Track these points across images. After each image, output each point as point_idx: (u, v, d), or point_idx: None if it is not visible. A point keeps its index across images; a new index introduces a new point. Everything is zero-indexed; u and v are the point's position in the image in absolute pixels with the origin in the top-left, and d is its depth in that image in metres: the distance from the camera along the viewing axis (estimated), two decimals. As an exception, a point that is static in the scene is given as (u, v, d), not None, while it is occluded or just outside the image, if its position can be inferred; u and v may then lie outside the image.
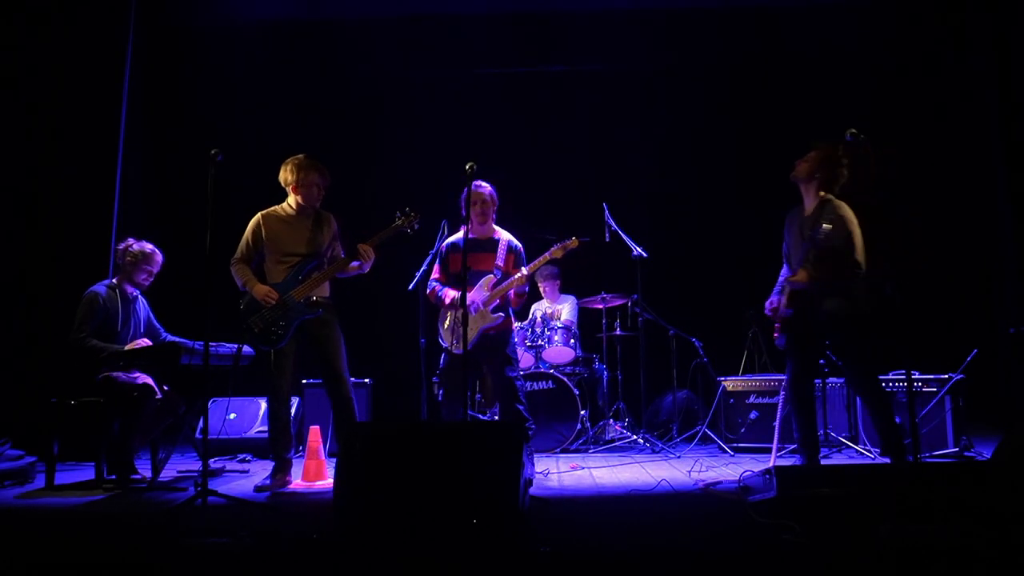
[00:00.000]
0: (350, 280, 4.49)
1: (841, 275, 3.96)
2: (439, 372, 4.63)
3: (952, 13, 6.81)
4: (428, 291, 4.62)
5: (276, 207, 4.42)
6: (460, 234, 4.52)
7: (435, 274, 4.65)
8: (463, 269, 3.90)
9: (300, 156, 4.37)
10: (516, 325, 6.03)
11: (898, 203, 3.93)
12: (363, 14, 7.12)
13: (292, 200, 4.38)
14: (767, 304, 4.26)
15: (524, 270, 4.44)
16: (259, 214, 4.39)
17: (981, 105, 6.70)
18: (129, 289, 4.68)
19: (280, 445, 4.27)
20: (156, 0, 6.60)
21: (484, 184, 4.49)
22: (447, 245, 4.62)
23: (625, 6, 7.09)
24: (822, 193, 4.09)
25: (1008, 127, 6.40)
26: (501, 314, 4.47)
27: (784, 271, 4.31)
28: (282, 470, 4.24)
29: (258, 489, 4.11)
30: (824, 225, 3.89)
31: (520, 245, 4.61)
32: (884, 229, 3.93)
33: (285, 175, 4.36)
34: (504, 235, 4.59)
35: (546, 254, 4.46)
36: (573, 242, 4.48)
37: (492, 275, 4.47)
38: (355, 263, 4.29)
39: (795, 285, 4.09)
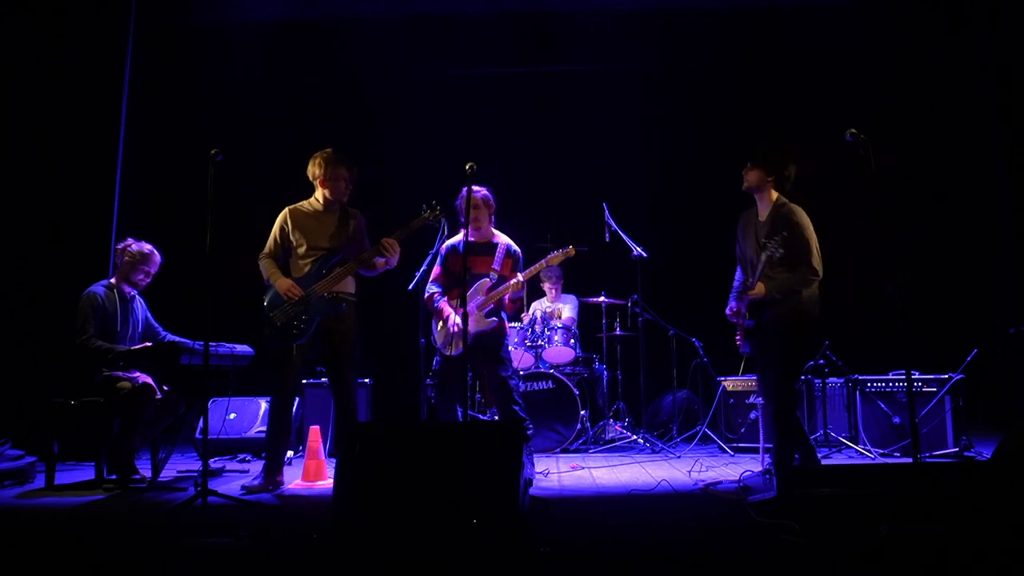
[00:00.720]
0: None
1: (799, 282, 3.90)
2: (432, 374, 4.59)
3: (951, 10, 6.81)
4: (426, 295, 4.57)
5: (303, 202, 4.38)
6: (459, 237, 4.50)
7: (435, 274, 4.60)
8: (463, 272, 3.88)
9: (328, 151, 4.33)
10: (514, 325, 6.05)
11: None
12: (363, 14, 7.13)
13: (319, 194, 4.34)
14: (727, 309, 4.21)
15: (520, 276, 4.39)
16: (286, 209, 4.36)
17: (981, 105, 6.71)
18: (127, 289, 4.67)
19: (278, 444, 4.20)
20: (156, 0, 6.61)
21: (478, 188, 4.43)
22: (447, 248, 4.57)
23: (626, 6, 7.09)
24: (775, 195, 4.06)
25: (1008, 127, 6.40)
26: (494, 319, 4.42)
27: (739, 274, 4.28)
28: (275, 470, 4.15)
29: (247, 490, 3.98)
30: (776, 245, 3.85)
31: (519, 250, 4.58)
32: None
33: (313, 169, 4.32)
34: (503, 239, 4.57)
35: (542, 261, 4.42)
36: (570, 251, 4.44)
37: (488, 279, 4.44)
38: (380, 259, 4.23)
39: (754, 298, 4.05)
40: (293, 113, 7.18)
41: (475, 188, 4.45)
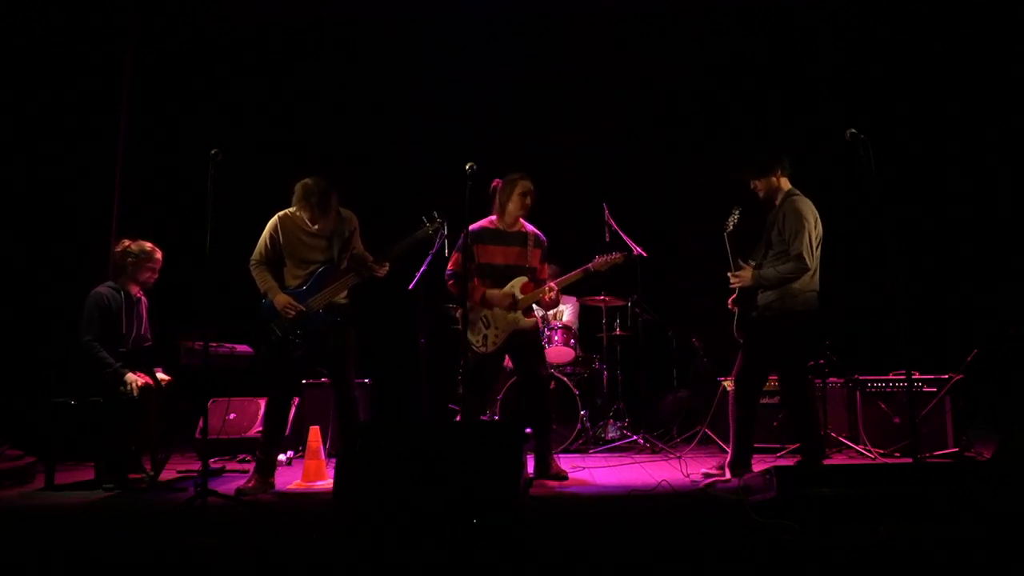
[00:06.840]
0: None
1: (788, 271, 3.92)
2: (464, 372, 4.52)
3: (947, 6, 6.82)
4: (449, 282, 4.48)
5: (295, 212, 4.23)
6: (483, 222, 4.45)
7: (452, 265, 4.45)
8: (466, 263, 3.81)
9: (308, 184, 4.11)
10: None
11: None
12: (362, 14, 7.12)
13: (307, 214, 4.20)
14: (729, 300, 4.25)
15: (555, 285, 4.40)
16: (277, 217, 4.25)
17: (981, 103, 6.70)
18: (134, 290, 4.63)
19: (271, 445, 4.17)
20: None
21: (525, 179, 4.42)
22: (472, 234, 4.26)
23: (628, 5, 7.08)
24: (786, 187, 4.13)
25: (1008, 124, 6.40)
26: (534, 315, 4.47)
27: None
28: (267, 470, 4.11)
29: (240, 492, 3.89)
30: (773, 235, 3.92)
31: (545, 239, 4.57)
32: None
33: (295, 200, 4.17)
34: (529, 227, 4.52)
35: (588, 265, 4.42)
36: (617, 257, 4.41)
37: (525, 277, 4.41)
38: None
39: (739, 283, 4.06)
40: (294, 112, 7.17)
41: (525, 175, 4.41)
